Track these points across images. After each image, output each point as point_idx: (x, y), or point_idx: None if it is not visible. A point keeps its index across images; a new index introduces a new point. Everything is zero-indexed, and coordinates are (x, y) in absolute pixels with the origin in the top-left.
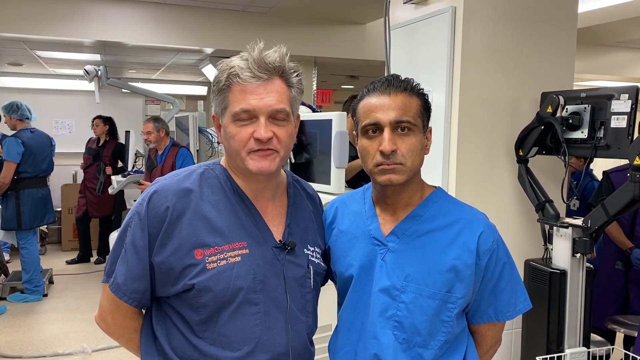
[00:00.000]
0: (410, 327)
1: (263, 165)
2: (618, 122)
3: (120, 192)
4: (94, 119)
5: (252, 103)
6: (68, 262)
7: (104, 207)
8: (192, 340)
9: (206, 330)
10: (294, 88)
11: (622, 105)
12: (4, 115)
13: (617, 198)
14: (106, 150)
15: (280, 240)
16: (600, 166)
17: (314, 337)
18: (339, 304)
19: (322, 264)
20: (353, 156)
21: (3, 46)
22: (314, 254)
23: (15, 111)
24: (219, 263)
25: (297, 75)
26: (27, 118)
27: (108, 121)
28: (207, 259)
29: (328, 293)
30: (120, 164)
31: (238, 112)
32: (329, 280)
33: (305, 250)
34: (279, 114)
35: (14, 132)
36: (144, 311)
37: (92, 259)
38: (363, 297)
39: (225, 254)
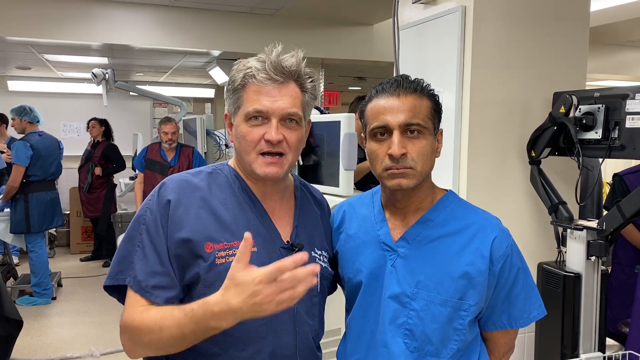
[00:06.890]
0: (421, 335)
1: (271, 171)
2: (633, 122)
3: (111, 194)
4: (90, 121)
5: (266, 104)
6: (82, 260)
7: (93, 208)
8: None
9: None
10: (308, 93)
11: (637, 105)
12: (13, 118)
13: (633, 200)
14: (96, 151)
15: (288, 241)
16: (610, 168)
17: (322, 342)
18: (347, 310)
19: (330, 268)
20: (361, 158)
21: (11, 50)
22: (322, 258)
23: (28, 114)
24: (228, 259)
25: (311, 81)
26: (37, 121)
27: (103, 123)
28: (217, 254)
29: (337, 296)
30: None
31: (251, 112)
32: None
33: (312, 253)
34: (291, 117)
35: (22, 135)
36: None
37: (101, 262)
38: (372, 304)
39: (235, 251)
